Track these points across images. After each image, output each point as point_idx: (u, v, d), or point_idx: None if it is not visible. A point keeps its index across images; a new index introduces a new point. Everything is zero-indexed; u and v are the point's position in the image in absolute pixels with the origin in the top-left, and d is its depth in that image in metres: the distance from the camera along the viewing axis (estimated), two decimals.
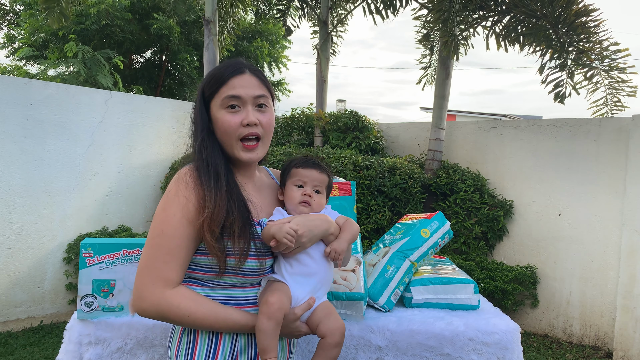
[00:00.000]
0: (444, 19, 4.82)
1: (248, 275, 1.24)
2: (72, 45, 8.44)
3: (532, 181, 4.86)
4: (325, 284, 1.34)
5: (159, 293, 1.19)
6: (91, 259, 1.63)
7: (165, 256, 1.19)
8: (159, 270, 1.19)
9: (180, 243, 1.20)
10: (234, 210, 1.21)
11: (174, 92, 11.71)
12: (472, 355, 1.66)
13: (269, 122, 1.30)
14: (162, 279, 1.19)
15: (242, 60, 1.33)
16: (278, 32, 11.60)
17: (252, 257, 1.23)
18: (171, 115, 5.45)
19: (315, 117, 5.91)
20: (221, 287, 1.25)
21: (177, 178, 1.25)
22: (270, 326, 1.18)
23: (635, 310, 4.14)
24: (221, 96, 1.26)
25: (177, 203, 1.21)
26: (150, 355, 1.64)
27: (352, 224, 1.38)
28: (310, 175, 1.37)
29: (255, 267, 1.24)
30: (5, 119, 4.24)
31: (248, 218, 1.25)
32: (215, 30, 5.76)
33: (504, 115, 16.19)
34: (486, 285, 4.38)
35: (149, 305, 1.19)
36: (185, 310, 1.18)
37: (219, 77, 1.28)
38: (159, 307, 1.19)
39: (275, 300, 1.19)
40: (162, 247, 1.20)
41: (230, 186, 1.26)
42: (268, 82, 1.34)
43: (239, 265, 1.21)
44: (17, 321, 4.39)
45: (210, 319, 1.20)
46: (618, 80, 4.77)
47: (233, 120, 1.25)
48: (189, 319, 1.19)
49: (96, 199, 4.86)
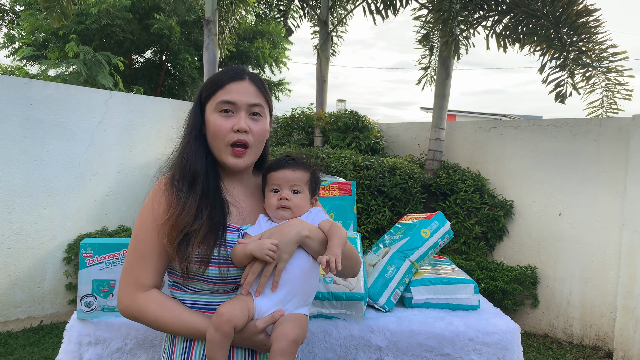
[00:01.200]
0: (444, 19, 4.81)
1: (212, 283, 1.21)
2: (73, 45, 8.44)
3: (532, 181, 4.86)
4: (297, 295, 1.23)
5: (131, 296, 1.21)
6: (91, 259, 1.63)
7: (138, 260, 1.22)
8: (133, 274, 1.22)
9: (151, 248, 1.21)
10: (202, 216, 1.20)
11: (174, 92, 11.72)
12: (472, 355, 1.66)
13: (259, 131, 1.27)
14: (135, 282, 1.22)
15: (245, 67, 1.33)
16: (279, 33, 11.60)
17: (213, 264, 1.19)
18: (171, 115, 5.45)
19: (315, 117, 5.91)
20: (195, 292, 1.24)
21: (156, 183, 1.27)
22: (216, 337, 1.13)
23: (635, 311, 4.13)
24: (216, 100, 1.26)
25: (150, 208, 1.23)
26: (150, 355, 1.64)
27: (338, 227, 1.28)
28: (283, 177, 1.29)
29: (216, 275, 1.20)
30: (5, 119, 4.24)
31: (218, 224, 1.22)
32: (215, 30, 5.75)
33: (504, 115, 16.19)
34: (486, 285, 4.38)
35: (124, 307, 1.23)
36: (152, 315, 1.20)
37: (217, 80, 1.27)
38: (130, 309, 1.22)
39: (225, 311, 1.14)
40: (135, 252, 1.23)
41: (208, 191, 1.24)
42: (267, 93, 1.33)
43: (200, 272, 1.19)
44: (16, 321, 4.39)
45: (175, 324, 1.20)
46: (615, 83, 4.77)
47: (224, 124, 1.24)
48: (156, 323, 1.21)
49: (96, 199, 4.85)
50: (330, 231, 1.26)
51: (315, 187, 1.36)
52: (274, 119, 7.14)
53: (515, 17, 4.85)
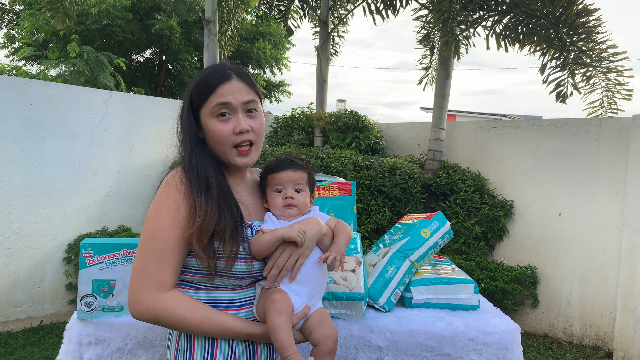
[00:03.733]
0: (444, 19, 4.81)
1: (237, 278, 1.24)
2: (74, 45, 8.44)
3: (532, 181, 4.86)
4: (319, 290, 1.32)
5: (153, 297, 1.18)
6: (91, 259, 1.63)
7: (158, 259, 1.19)
8: (153, 274, 1.19)
9: (172, 245, 1.20)
10: (226, 215, 1.22)
11: (174, 92, 11.72)
12: (472, 355, 1.66)
13: (259, 126, 1.31)
14: (156, 282, 1.19)
15: (227, 64, 1.32)
16: (280, 34, 11.59)
17: (240, 260, 1.23)
18: (171, 115, 5.45)
19: (315, 117, 5.91)
20: (212, 290, 1.25)
21: (167, 181, 1.25)
22: (282, 321, 1.17)
23: (635, 311, 4.13)
24: (210, 104, 1.26)
25: (168, 207, 1.21)
26: (150, 355, 1.64)
27: (344, 225, 1.35)
28: (285, 177, 1.34)
29: (243, 270, 1.24)
30: (5, 119, 4.24)
31: (239, 222, 1.25)
32: (215, 30, 5.75)
33: (504, 115, 16.18)
34: (486, 285, 4.38)
35: (144, 309, 1.19)
36: (180, 316, 1.18)
37: (206, 84, 1.26)
38: (154, 311, 1.18)
39: (280, 297, 1.20)
40: (155, 250, 1.20)
41: (222, 192, 1.26)
42: (255, 85, 1.34)
43: (227, 268, 1.21)
44: (17, 321, 4.39)
45: (205, 325, 1.20)
46: (615, 83, 4.77)
47: (225, 129, 1.25)
48: (184, 324, 1.19)
49: (96, 199, 4.85)
50: (337, 228, 1.33)
51: (313, 186, 1.43)
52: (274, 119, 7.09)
53: (515, 17, 4.85)
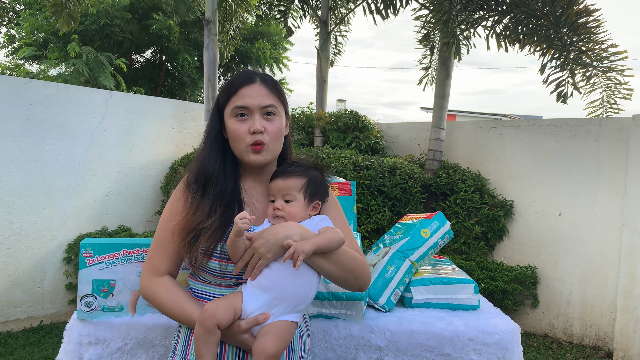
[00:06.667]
0: (444, 20, 4.81)
1: (214, 275, 1.29)
2: (74, 45, 8.44)
3: (532, 181, 4.86)
4: (287, 301, 1.22)
5: (147, 279, 1.34)
6: (91, 259, 1.63)
7: (157, 247, 1.35)
8: (152, 259, 1.35)
9: (168, 236, 1.32)
10: (216, 215, 1.28)
11: (174, 92, 11.71)
12: (472, 355, 1.66)
13: (275, 129, 1.33)
14: (152, 267, 1.34)
15: (256, 70, 1.39)
16: (280, 34, 11.58)
17: (214, 258, 1.26)
18: (171, 115, 5.45)
19: (315, 117, 5.91)
20: (204, 283, 1.32)
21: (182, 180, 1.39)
22: (199, 332, 1.18)
23: (635, 311, 4.13)
24: (231, 105, 1.33)
25: (171, 202, 1.36)
26: (150, 355, 1.64)
27: (331, 231, 1.26)
28: (275, 187, 1.33)
29: (216, 268, 1.27)
30: (5, 119, 4.24)
31: (228, 222, 1.28)
32: (215, 30, 5.75)
33: (504, 115, 16.18)
34: (486, 285, 4.38)
35: (141, 289, 1.35)
36: (159, 299, 1.30)
37: (230, 86, 1.35)
38: (144, 292, 1.34)
39: (208, 308, 1.20)
40: (156, 239, 1.36)
41: (224, 191, 1.31)
42: (279, 92, 1.38)
43: (203, 263, 1.26)
44: (16, 321, 4.39)
45: (174, 310, 1.28)
46: (615, 83, 4.77)
47: (241, 128, 1.32)
48: (161, 307, 1.30)
49: (96, 199, 4.85)
50: (320, 230, 1.27)
51: (315, 190, 1.35)
52: None
53: (515, 17, 4.85)
